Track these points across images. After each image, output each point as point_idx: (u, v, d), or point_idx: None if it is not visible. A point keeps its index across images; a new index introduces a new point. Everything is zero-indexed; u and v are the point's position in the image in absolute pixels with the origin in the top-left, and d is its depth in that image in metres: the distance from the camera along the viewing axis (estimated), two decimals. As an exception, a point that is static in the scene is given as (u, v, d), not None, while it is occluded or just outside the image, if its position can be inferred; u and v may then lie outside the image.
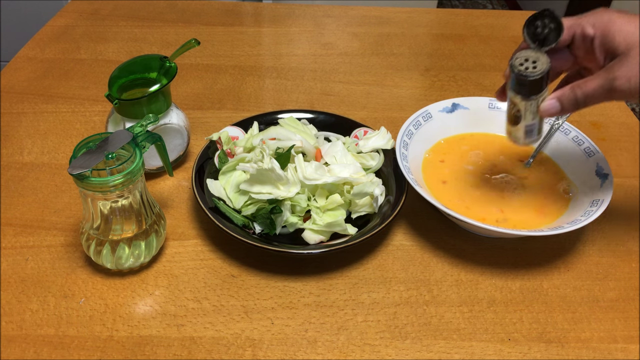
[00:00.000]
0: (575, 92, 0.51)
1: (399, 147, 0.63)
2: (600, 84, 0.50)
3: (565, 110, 0.53)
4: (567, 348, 0.52)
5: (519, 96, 0.53)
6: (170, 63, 0.63)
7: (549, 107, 0.53)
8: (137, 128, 0.52)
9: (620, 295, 0.57)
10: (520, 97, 0.53)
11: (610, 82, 0.49)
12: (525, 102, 0.53)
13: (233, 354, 0.50)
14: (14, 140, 0.72)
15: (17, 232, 0.60)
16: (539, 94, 0.53)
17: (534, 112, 0.54)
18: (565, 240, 0.62)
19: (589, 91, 0.50)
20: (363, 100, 0.84)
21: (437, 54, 0.98)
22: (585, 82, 0.51)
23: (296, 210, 0.59)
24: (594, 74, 0.51)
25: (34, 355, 0.49)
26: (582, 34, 0.52)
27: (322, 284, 0.56)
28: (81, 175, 0.47)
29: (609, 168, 0.63)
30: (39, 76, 0.85)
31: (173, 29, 1.00)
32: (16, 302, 0.53)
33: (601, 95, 0.50)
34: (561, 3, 2.52)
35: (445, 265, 0.59)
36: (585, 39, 0.52)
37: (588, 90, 0.50)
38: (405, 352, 0.51)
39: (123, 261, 0.54)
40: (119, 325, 0.51)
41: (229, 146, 0.65)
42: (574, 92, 0.51)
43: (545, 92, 0.53)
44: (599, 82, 0.50)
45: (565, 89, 0.52)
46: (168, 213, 0.63)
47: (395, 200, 0.60)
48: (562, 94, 0.52)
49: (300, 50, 0.96)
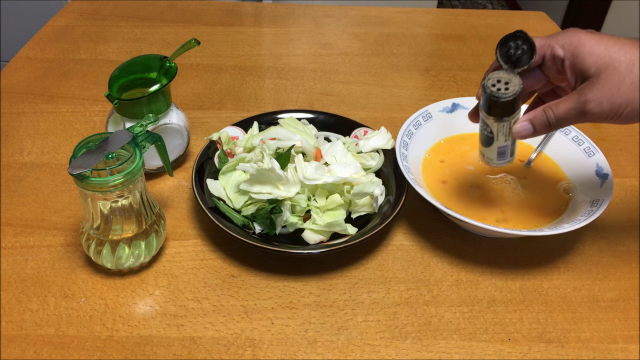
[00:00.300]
0: (547, 114, 0.51)
1: (399, 147, 0.63)
2: (571, 106, 0.49)
3: (538, 132, 0.52)
4: (567, 348, 0.52)
5: (491, 117, 0.53)
6: (170, 63, 0.63)
7: (521, 129, 0.52)
8: (137, 128, 0.52)
9: (620, 295, 0.57)
10: (493, 119, 0.53)
11: (582, 105, 0.48)
12: (498, 123, 0.53)
13: (233, 354, 0.50)
14: (14, 140, 0.72)
15: (17, 232, 0.60)
16: (511, 116, 0.52)
17: (506, 134, 0.53)
18: (565, 240, 0.62)
19: (561, 114, 0.50)
20: (363, 100, 0.84)
21: (437, 54, 0.98)
22: (557, 104, 0.50)
23: (296, 210, 0.59)
24: (565, 96, 0.50)
25: (34, 355, 0.49)
26: (552, 55, 0.51)
27: (322, 284, 0.56)
28: (81, 175, 0.47)
29: (609, 168, 0.63)
30: (39, 76, 0.85)
31: (173, 29, 1.00)
32: (16, 302, 0.53)
33: (573, 118, 0.50)
34: (561, 3, 2.52)
35: (445, 265, 0.59)
36: (555, 60, 0.51)
37: (560, 113, 0.50)
38: (405, 352, 0.51)
39: (123, 261, 0.54)
40: (119, 325, 0.51)
41: (229, 146, 0.65)
42: (545, 115, 0.51)
43: (518, 113, 0.53)
44: (571, 105, 0.49)
45: (538, 110, 0.51)
46: (168, 213, 0.63)
47: (395, 200, 0.60)
48: (535, 116, 0.51)
49: (300, 50, 0.96)
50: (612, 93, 0.47)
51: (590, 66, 0.48)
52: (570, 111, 0.49)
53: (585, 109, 0.48)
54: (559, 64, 0.51)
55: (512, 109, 0.52)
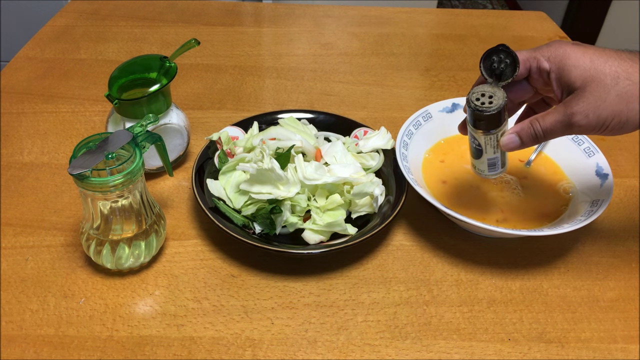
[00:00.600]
0: (534, 127, 0.51)
1: (399, 147, 0.63)
2: (558, 119, 0.49)
3: (525, 145, 0.52)
4: (567, 348, 0.52)
5: (478, 131, 0.53)
6: (170, 63, 0.63)
7: (508, 142, 0.53)
8: (137, 128, 0.52)
9: (620, 295, 0.57)
10: (480, 132, 0.53)
11: (569, 117, 0.49)
12: (485, 136, 0.53)
13: (233, 354, 0.50)
14: (14, 140, 0.72)
15: (17, 232, 0.60)
16: (497, 128, 0.53)
17: (494, 146, 0.54)
18: (565, 240, 0.62)
19: (548, 126, 0.50)
20: (363, 100, 0.84)
21: (437, 54, 0.98)
22: (543, 117, 0.50)
23: (296, 210, 0.59)
24: (552, 109, 0.50)
25: (34, 355, 0.49)
26: (537, 68, 0.51)
27: (322, 284, 0.56)
28: (81, 175, 0.47)
29: (609, 168, 0.63)
30: (39, 76, 0.85)
31: (173, 29, 1.00)
32: (16, 302, 0.53)
33: (560, 130, 0.50)
34: (561, 3, 2.52)
35: (445, 265, 0.59)
36: (541, 73, 0.52)
37: (547, 126, 0.50)
38: (405, 352, 0.51)
39: (123, 261, 0.54)
40: (119, 325, 0.51)
41: (229, 146, 0.65)
42: (532, 127, 0.51)
43: (504, 125, 0.53)
44: (557, 118, 0.49)
45: (525, 123, 0.52)
46: (168, 213, 0.63)
47: (395, 200, 0.60)
48: (522, 129, 0.52)
49: (300, 50, 0.96)
50: (597, 105, 0.47)
51: (576, 79, 0.48)
52: (556, 124, 0.49)
53: (571, 121, 0.49)
54: (545, 77, 0.51)
55: (498, 122, 0.52)
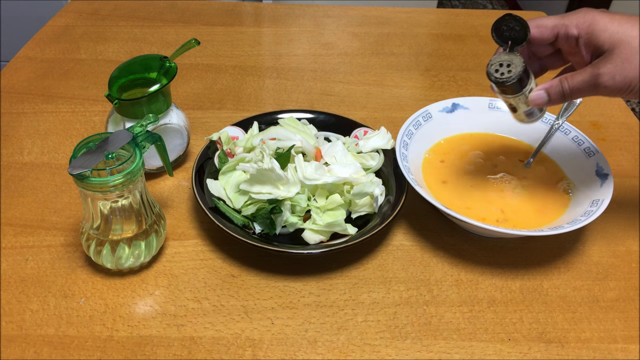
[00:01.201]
0: (563, 84, 0.53)
1: (399, 147, 0.63)
2: (585, 79, 0.51)
3: (553, 102, 0.54)
4: (567, 348, 0.52)
5: (506, 95, 0.55)
6: (170, 63, 0.63)
7: (536, 98, 0.54)
8: (137, 128, 0.52)
9: (620, 295, 0.57)
10: (508, 96, 0.55)
11: (595, 78, 0.50)
12: (513, 98, 0.55)
13: (233, 354, 0.50)
14: (14, 140, 0.72)
15: (17, 232, 0.60)
16: (523, 89, 0.54)
17: (525, 102, 0.56)
18: (565, 240, 0.62)
19: (575, 85, 0.52)
20: (363, 100, 0.84)
21: (437, 54, 0.98)
22: (572, 76, 0.52)
23: (296, 210, 0.59)
24: (581, 69, 0.52)
25: (34, 355, 0.49)
26: (565, 34, 0.53)
27: (322, 284, 0.56)
28: (81, 175, 0.47)
29: (609, 168, 0.63)
30: (39, 76, 0.85)
31: (173, 29, 1.00)
32: (16, 302, 0.53)
33: (586, 90, 0.52)
34: (561, 3, 2.52)
35: (445, 265, 0.59)
36: (569, 39, 0.53)
37: (574, 84, 0.52)
38: (405, 352, 0.51)
39: (123, 261, 0.54)
40: (119, 325, 0.51)
41: (229, 146, 0.65)
42: (561, 85, 0.53)
43: (530, 83, 0.54)
44: (585, 77, 0.51)
45: (554, 80, 0.54)
46: (168, 213, 0.63)
47: (395, 200, 0.60)
48: (551, 86, 0.54)
49: (300, 50, 0.96)
50: (624, 67, 0.49)
51: (604, 42, 0.50)
52: (583, 83, 0.51)
53: (598, 81, 0.50)
54: (573, 43, 0.53)
55: (521, 86, 0.54)
